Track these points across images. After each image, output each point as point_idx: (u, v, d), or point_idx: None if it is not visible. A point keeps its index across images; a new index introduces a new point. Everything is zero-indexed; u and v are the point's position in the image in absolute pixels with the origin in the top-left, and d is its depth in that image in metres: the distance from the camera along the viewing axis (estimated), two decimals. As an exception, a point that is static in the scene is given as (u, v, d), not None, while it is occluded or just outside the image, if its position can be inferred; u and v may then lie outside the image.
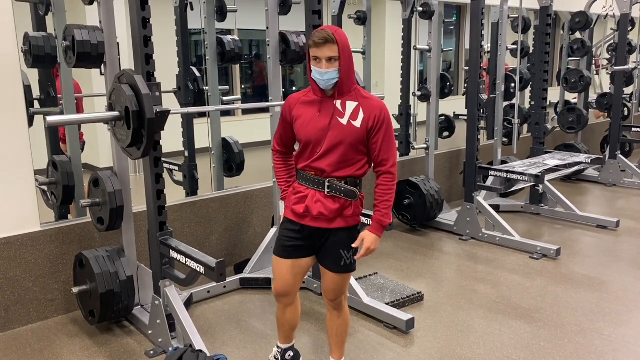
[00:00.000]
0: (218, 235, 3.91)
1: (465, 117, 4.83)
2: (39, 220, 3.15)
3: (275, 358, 2.62)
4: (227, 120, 4.43)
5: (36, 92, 3.69)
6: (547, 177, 4.31)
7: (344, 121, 2.17)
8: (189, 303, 3.33)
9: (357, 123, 2.16)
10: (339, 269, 2.31)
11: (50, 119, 2.49)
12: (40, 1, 3.48)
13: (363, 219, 3.09)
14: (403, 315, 3.06)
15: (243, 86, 9.00)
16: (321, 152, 2.20)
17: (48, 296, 3.21)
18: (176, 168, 4.44)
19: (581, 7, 6.40)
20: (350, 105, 2.18)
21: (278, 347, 2.62)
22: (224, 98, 4.38)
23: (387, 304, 3.25)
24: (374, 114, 2.16)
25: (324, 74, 2.12)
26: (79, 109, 4.32)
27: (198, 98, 4.33)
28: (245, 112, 8.17)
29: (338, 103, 2.19)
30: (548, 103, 5.34)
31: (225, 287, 3.55)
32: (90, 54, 2.80)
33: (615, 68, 6.22)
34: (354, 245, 2.27)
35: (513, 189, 4.82)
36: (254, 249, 3.75)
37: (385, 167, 2.20)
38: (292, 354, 2.64)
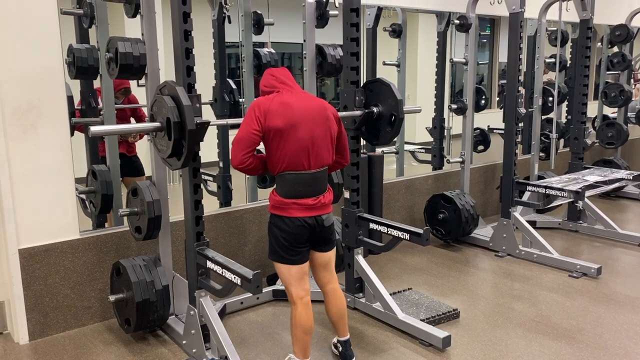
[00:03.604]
0: (252, 246, 3.92)
1: (500, 131, 4.76)
2: (78, 228, 3.21)
3: (334, 345, 2.89)
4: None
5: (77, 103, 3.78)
6: (587, 193, 4.19)
7: None
8: (222, 314, 3.33)
9: None
10: None
11: (93, 129, 2.53)
12: (84, 14, 3.57)
13: (398, 233, 3.07)
14: (439, 332, 3.00)
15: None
16: None
17: (85, 303, 3.26)
18: (210, 178, 4.48)
19: (621, 20, 6.25)
20: None
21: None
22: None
23: (422, 320, 3.19)
24: None
25: None
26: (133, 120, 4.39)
27: (233, 110, 4.37)
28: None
29: None
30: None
31: (258, 298, 3.55)
32: (133, 66, 2.86)
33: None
34: None
35: (551, 205, 4.71)
36: (287, 261, 3.73)
37: None
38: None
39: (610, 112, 6.93)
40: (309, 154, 2.47)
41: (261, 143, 2.53)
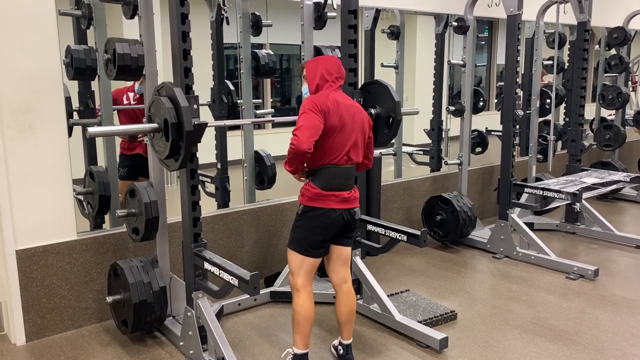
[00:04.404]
0: (249, 248, 3.92)
1: (498, 133, 4.77)
2: (75, 229, 3.20)
3: (334, 347, 2.90)
4: (258, 133, 4.48)
5: (75, 104, 3.77)
6: (584, 195, 4.20)
7: None
8: (219, 315, 3.33)
9: None
10: None
11: (91, 130, 2.54)
12: (82, 15, 3.57)
13: (396, 235, 3.08)
14: (436, 334, 3.00)
15: (272, 99, 9.09)
16: None
17: (82, 305, 3.25)
18: (208, 180, 4.48)
19: (619, 23, 6.27)
20: None
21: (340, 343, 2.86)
22: (257, 111, 4.42)
23: (420, 322, 3.19)
24: None
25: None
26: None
27: (231, 111, 4.37)
28: (275, 125, 8.23)
29: None
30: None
31: (255, 299, 3.54)
32: (130, 67, 2.86)
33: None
34: None
35: (549, 206, 4.71)
36: (284, 262, 3.73)
37: None
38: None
39: (607, 114, 6.95)
40: (349, 151, 2.62)
41: None
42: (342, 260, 2.75)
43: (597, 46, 6.83)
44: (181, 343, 2.93)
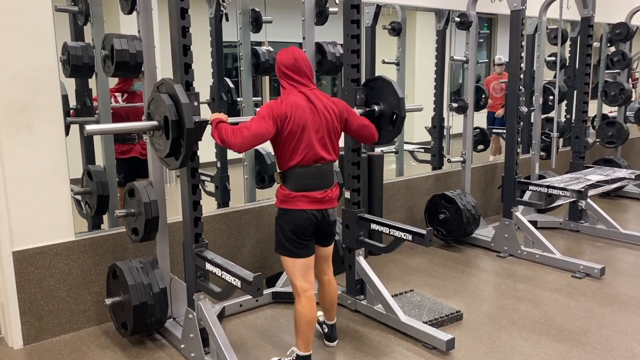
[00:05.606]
0: (250, 248, 3.86)
1: (498, 130, 4.72)
2: (73, 230, 3.14)
3: (319, 324, 3.03)
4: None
5: (72, 102, 3.70)
6: (589, 192, 4.14)
7: None
8: (221, 316, 3.27)
9: None
10: None
11: (89, 127, 2.48)
12: (79, 11, 3.51)
13: (401, 234, 3.03)
14: (443, 335, 2.94)
15: (271, 97, 9.02)
16: None
17: (81, 307, 3.19)
18: (208, 179, 4.42)
19: (621, 18, 6.22)
20: None
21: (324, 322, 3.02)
22: (257, 109, 4.35)
23: (425, 322, 3.13)
24: None
25: None
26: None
27: (231, 109, 4.30)
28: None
29: None
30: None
31: (257, 300, 3.48)
32: (129, 63, 2.80)
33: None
34: None
35: (554, 204, 4.65)
36: (287, 263, 3.67)
37: None
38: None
39: (607, 111, 6.90)
40: (317, 151, 2.56)
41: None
42: (322, 258, 2.79)
43: (596, 43, 6.77)
44: (182, 346, 2.87)
